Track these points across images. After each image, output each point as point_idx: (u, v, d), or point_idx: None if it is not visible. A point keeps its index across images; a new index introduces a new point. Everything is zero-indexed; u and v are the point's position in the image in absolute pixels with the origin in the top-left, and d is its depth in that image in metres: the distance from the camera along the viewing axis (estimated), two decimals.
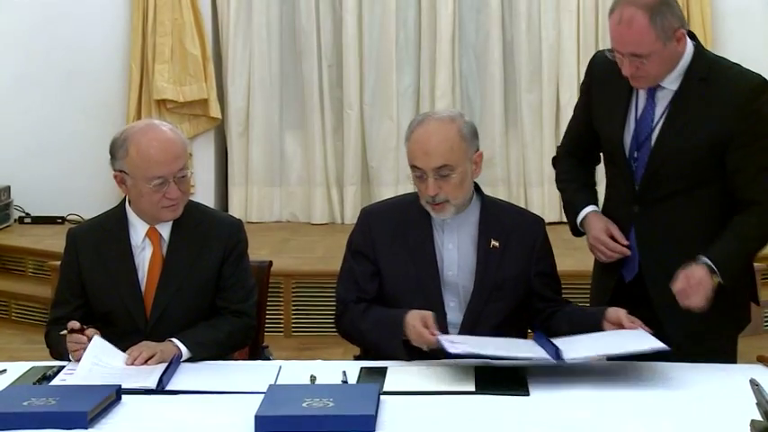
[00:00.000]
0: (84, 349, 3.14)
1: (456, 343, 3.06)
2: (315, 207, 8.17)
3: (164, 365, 3.10)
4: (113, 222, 3.45)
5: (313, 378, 3.04)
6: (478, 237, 3.39)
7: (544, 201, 7.97)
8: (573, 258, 5.08)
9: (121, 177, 3.37)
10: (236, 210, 8.08)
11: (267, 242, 7.20)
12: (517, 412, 2.77)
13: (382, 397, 2.81)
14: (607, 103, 3.44)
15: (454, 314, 3.36)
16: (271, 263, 3.78)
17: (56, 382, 3.03)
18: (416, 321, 3.18)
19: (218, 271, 3.42)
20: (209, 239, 3.42)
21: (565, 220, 3.69)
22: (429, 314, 3.20)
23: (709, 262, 3.23)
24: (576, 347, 3.04)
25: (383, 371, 3.09)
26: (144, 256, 3.40)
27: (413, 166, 3.31)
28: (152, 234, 3.40)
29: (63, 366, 3.16)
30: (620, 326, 3.16)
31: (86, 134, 8.05)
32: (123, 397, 2.85)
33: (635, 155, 3.37)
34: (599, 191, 3.64)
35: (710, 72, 3.29)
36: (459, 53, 8.08)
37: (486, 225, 3.40)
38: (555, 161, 3.73)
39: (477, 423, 2.70)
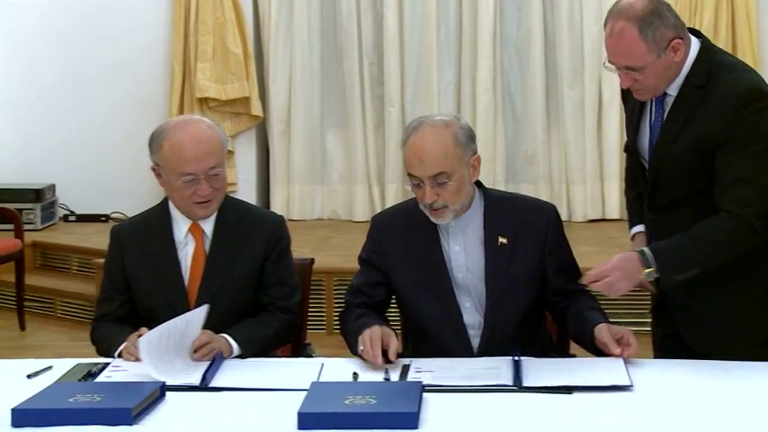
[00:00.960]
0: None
1: (421, 371, 3.04)
2: (356, 204, 8.18)
3: (207, 362, 3.11)
4: (156, 218, 3.46)
5: (355, 375, 3.04)
6: (485, 235, 3.34)
7: (587, 198, 7.92)
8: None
9: (157, 171, 3.39)
10: (277, 207, 8.11)
11: (309, 240, 7.21)
12: (559, 411, 2.76)
13: (424, 394, 2.80)
14: (629, 111, 3.42)
15: (471, 316, 3.34)
16: (313, 260, 3.78)
17: (101, 378, 3.05)
18: (372, 340, 3.13)
19: (261, 267, 3.43)
20: (251, 235, 3.43)
21: (608, 217, 3.67)
22: (390, 335, 3.15)
23: (646, 251, 3.17)
24: (542, 374, 2.99)
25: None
26: (187, 251, 3.41)
27: (409, 174, 3.27)
28: (195, 230, 3.41)
29: (108, 363, 3.18)
30: (605, 346, 3.12)
31: (129, 133, 8.10)
32: (167, 394, 2.87)
33: (648, 160, 3.34)
34: None
35: (709, 77, 3.19)
36: (501, 49, 8.05)
37: (492, 222, 3.34)
38: (626, 152, 3.63)
39: (520, 421, 2.69)
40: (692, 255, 3.17)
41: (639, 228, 3.48)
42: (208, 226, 3.42)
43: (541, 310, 3.46)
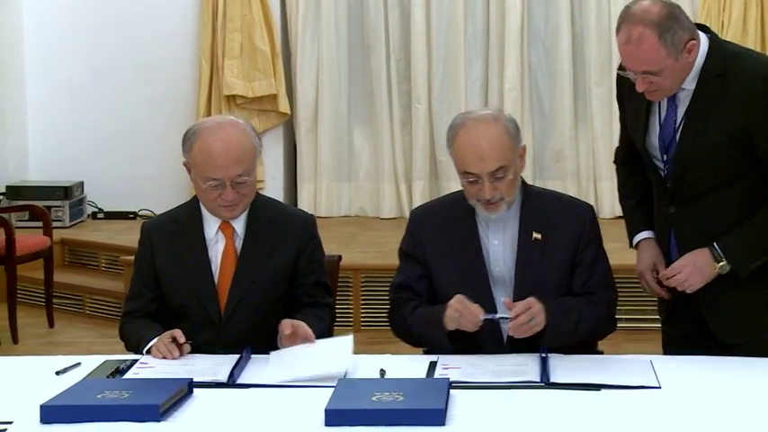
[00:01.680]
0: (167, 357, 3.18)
1: (448, 368, 3.05)
2: (383, 201, 8.18)
3: (234, 359, 3.12)
4: (187, 215, 3.46)
5: (383, 372, 3.04)
6: (519, 229, 3.34)
7: (614, 195, 7.85)
8: None
9: (188, 168, 3.40)
10: (305, 204, 8.12)
11: (336, 236, 7.22)
12: (587, 407, 2.75)
13: (452, 390, 2.80)
14: (633, 110, 3.38)
15: (504, 310, 3.31)
16: (340, 257, 3.79)
17: (129, 375, 3.06)
18: (456, 303, 3.20)
19: (293, 266, 3.42)
20: (282, 234, 3.42)
21: None
22: (464, 298, 3.21)
23: (716, 247, 3.20)
24: (569, 371, 3.00)
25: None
26: (217, 249, 3.41)
27: (466, 173, 3.25)
28: (225, 228, 3.41)
29: (136, 360, 3.19)
30: None
31: (158, 130, 8.15)
32: (195, 390, 2.87)
33: (664, 158, 3.31)
34: None
35: (726, 66, 3.20)
36: (528, 45, 8.03)
37: (528, 217, 3.34)
38: (616, 164, 3.66)
39: (547, 417, 2.68)
40: (762, 242, 3.23)
41: (646, 234, 3.46)
42: (239, 224, 3.41)
43: None
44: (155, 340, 3.25)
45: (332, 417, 2.61)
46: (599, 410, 2.72)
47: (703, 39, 3.24)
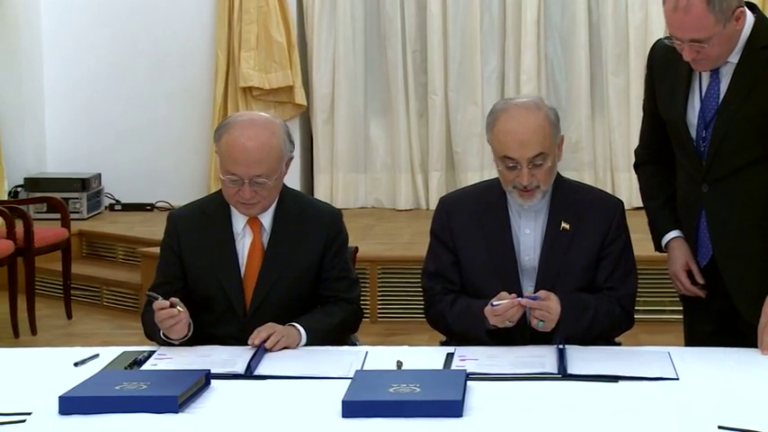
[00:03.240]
0: (180, 323, 3.17)
1: (466, 359, 3.05)
2: (400, 193, 8.17)
3: (251, 351, 3.12)
4: (215, 207, 3.44)
5: (399, 363, 3.03)
6: (548, 218, 3.34)
7: (631, 185, 7.87)
8: None
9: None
10: (321, 196, 8.10)
11: (352, 228, 7.11)
12: (605, 399, 2.74)
13: (469, 382, 2.80)
14: (669, 87, 3.35)
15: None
16: (356, 249, 3.78)
17: (147, 366, 3.07)
18: (492, 315, 3.19)
19: (319, 261, 3.42)
20: (309, 229, 3.41)
21: None
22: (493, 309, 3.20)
23: None
24: (586, 362, 2.99)
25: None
26: (244, 243, 3.40)
27: (505, 157, 3.25)
28: (252, 222, 3.40)
29: (154, 351, 3.20)
30: None
31: (174, 122, 8.17)
32: (212, 382, 2.88)
33: (703, 134, 3.27)
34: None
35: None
36: (545, 36, 8.01)
37: (558, 207, 3.34)
38: (636, 168, 3.62)
39: (565, 409, 2.68)
40: None
41: (675, 233, 3.43)
42: (266, 219, 3.40)
43: None
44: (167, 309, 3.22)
45: (349, 408, 2.61)
46: (616, 402, 2.72)
47: (749, 14, 3.21)
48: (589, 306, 3.27)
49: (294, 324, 3.28)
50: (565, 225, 3.33)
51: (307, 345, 3.26)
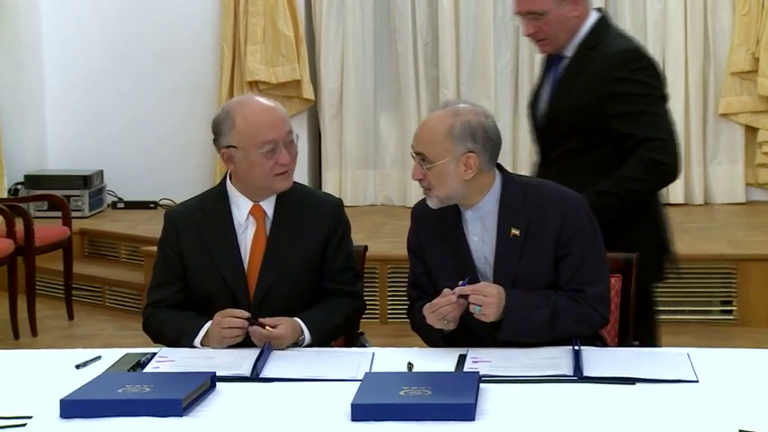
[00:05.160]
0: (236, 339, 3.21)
1: (478, 361, 3.04)
2: (410, 190, 8.16)
3: (256, 352, 3.13)
4: (214, 202, 3.45)
5: (410, 365, 3.04)
6: (497, 225, 3.28)
7: None
8: (682, 243, 4.99)
9: (229, 154, 3.35)
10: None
11: (362, 226, 7.21)
12: (622, 402, 2.74)
13: (482, 385, 2.79)
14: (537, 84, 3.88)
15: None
16: (366, 247, 3.78)
17: (150, 369, 3.07)
18: (428, 309, 3.19)
19: (322, 251, 3.43)
20: (311, 218, 3.43)
21: (672, 201, 3.65)
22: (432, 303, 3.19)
23: None
24: (603, 364, 2.98)
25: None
26: (247, 234, 3.41)
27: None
28: (256, 211, 3.40)
29: (155, 353, 3.20)
30: None
31: (179, 117, 8.18)
32: (218, 384, 2.88)
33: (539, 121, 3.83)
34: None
35: (599, 41, 3.66)
36: None
37: (506, 212, 3.27)
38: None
39: (580, 412, 2.68)
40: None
41: None
42: (269, 207, 3.42)
43: None
44: (205, 327, 3.25)
45: (358, 412, 2.61)
46: (634, 405, 2.71)
47: (594, 15, 3.69)
48: (547, 305, 3.19)
49: (297, 320, 3.29)
50: (515, 231, 3.25)
51: (311, 345, 3.27)
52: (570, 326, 3.20)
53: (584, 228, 3.26)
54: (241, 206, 3.42)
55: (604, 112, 3.61)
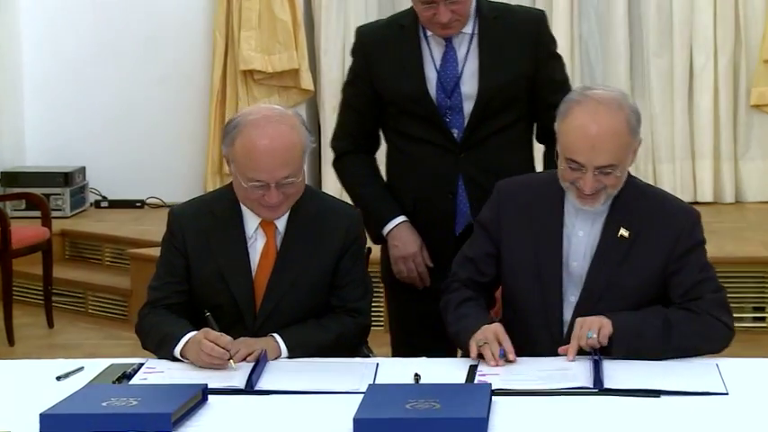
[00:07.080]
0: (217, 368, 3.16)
1: (489, 373, 3.05)
2: None
3: (251, 363, 3.13)
4: (224, 207, 3.43)
5: (417, 377, 3.04)
6: (605, 221, 3.27)
7: (676, 179, 7.89)
8: (711, 244, 4.96)
9: (228, 160, 3.36)
10: (330, 191, 8.09)
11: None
12: (646, 416, 2.74)
13: (494, 397, 2.80)
14: (396, 64, 3.81)
15: (570, 311, 3.29)
16: (369, 250, 3.78)
17: (136, 380, 3.08)
18: (482, 334, 3.17)
19: (335, 265, 3.41)
20: (326, 231, 3.41)
21: (700, 200, 3.65)
22: (501, 332, 3.18)
23: None
24: (624, 376, 2.99)
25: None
26: (256, 246, 3.40)
27: (568, 159, 3.16)
28: (266, 225, 3.39)
29: (142, 363, 3.20)
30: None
31: (168, 110, 8.19)
32: (210, 397, 2.88)
33: (447, 103, 3.76)
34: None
35: (498, 12, 3.80)
36: (579, 14, 8.01)
37: (618, 209, 3.26)
38: (337, 161, 4.08)
39: (601, 428, 2.68)
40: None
41: (403, 217, 3.86)
42: (280, 221, 3.40)
43: None
44: (186, 337, 3.22)
45: (361, 427, 2.62)
46: (659, 420, 2.72)
47: None
48: (655, 312, 3.19)
49: (274, 335, 3.29)
50: (623, 232, 3.26)
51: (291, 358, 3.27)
52: (689, 336, 3.18)
53: (700, 243, 3.32)
54: (250, 218, 3.41)
55: (541, 78, 3.79)
